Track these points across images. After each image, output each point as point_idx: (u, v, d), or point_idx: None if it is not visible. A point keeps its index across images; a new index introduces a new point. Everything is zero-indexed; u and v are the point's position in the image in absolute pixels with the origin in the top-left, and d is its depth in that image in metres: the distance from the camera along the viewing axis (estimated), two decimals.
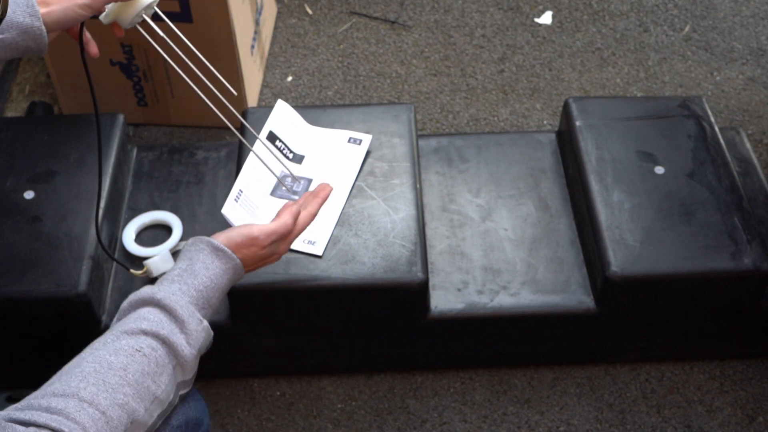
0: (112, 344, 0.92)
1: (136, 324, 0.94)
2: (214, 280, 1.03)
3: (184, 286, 1.00)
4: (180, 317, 0.96)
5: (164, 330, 0.94)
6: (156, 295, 0.97)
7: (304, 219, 1.16)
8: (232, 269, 1.05)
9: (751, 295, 1.39)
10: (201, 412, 1.10)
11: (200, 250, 1.04)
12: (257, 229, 1.09)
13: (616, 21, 2.18)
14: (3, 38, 1.03)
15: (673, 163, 1.46)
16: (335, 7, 2.21)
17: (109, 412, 0.86)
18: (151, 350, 0.93)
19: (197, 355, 0.98)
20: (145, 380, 0.91)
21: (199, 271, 1.02)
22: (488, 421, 1.48)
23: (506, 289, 1.42)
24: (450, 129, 1.94)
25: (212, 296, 1.03)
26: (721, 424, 1.47)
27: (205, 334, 0.99)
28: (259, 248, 1.08)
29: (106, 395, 0.86)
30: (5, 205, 1.37)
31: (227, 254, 1.05)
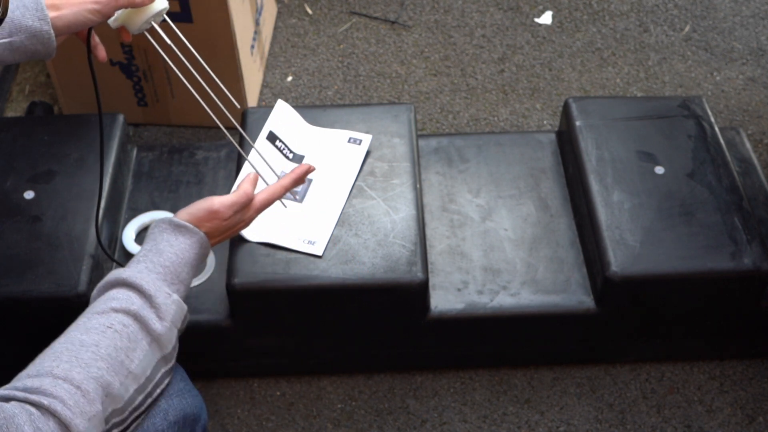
0: (84, 325, 0.94)
1: (105, 304, 0.96)
2: (180, 255, 1.04)
3: (150, 264, 1.02)
4: (147, 292, 0.98)
5: (134, 306, 0.96)
6: (122, 275, 0.99)
7: (272, 189, 1.18)
8: (197, 243, 1.07)
9: (751, 295, 1.39)
10: (198, 408, 1.10)
11: (163, 230, 1.06)
12: (218, 203, 1.10)
13: (616, 21, 2.18)
14: (11, 41, 1.03)
15: (673, 163, 1.46)
16: (335, 7, 2.21)
17: (83, 386, 0.87)
18: (123, 326, 0.94)
19: (171, 329, 0.99)
20: (118, 354, 0.92)
21: (163, 249, 1.04)
22: (488, 421, 1.48)
23: (506, 289, 1.42)
24: (450, 129, 1.94)
25: (181, 271, 1.04)
26: (721, 424, 1.47)
27: (176, 308, 1.00)
28: (221, 221, 1.10)
29: (79, 370, 0.88)
30: (5, 205, 1.37)
31: (189, 229, 1.06)
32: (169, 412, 1.03)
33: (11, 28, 1.03)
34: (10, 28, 1.03)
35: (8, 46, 1.04)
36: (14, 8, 1.03)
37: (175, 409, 1.04)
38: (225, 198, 1.11)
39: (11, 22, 1.03)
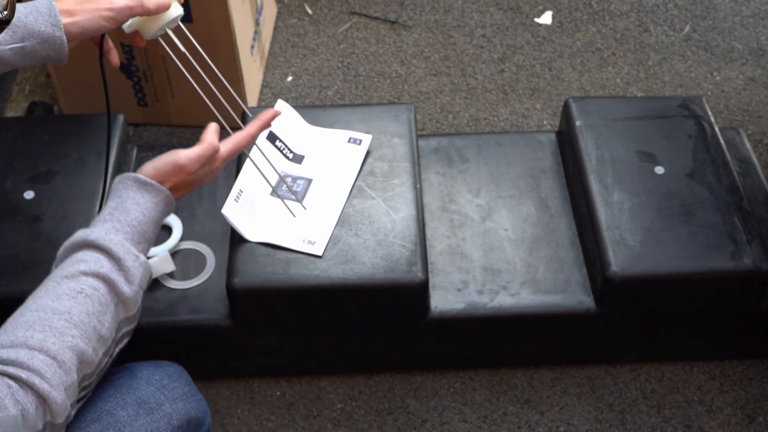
0: (54, 290, 0.93)
1: (74, 267, 0.95)
2: (147, 214, 1.03)
3: (117, 223, 1.01)
4: (116, 255, 0.97)
5: (103, 269, 0.96)
6: (90, 236, 0.98)
7: (238, 137, 1.15)
8: (163, 201, 1.06)
9: (751, 295, 1.39)
10: (203, 412, 1.10)
11: (128, 187, 1.04)
12: (183, 157, 1.08)
13: (616, 21, 2.18)
14: (23, 46, 1.03)
15: (673, 163, 1.46)
16: (335, 7, 2.21)
17: (59, 356, 0.87)
18: (93, 290, 0.94)
19: (138, 292, 0.99)
20: (90, 320, 0.92)
21: (130, 207, 1.03)
22: (488, 421, 1.48)
23: (506, 289, 1.42)
24: (450, 129, 1.94)
25: (147, 230, 1.03)
26: (721, 424, 1.47)
27: (143, 270, 1.00)
28: (187, 174, 1.09)
29: (54, 340, 0.88)
30: (5, 205, 1.37)
31: (155, 187, 1.05)
32: (174, 417, 1.03)
33: (24, 33, 1.03)
34: (22, 33, 1.03)
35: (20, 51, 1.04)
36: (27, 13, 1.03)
37: (180, 414, 1.04)
38: (191, 151, 1.09)
39: (24, 27, 1.03)
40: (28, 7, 1.04)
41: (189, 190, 1.12)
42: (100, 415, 1.00)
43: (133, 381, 1.05)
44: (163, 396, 1.04)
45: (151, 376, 1.06)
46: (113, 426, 0.99)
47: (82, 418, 0.99)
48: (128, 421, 1.00)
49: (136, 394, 1.03)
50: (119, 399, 1.02)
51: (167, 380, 1.07)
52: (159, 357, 1.15)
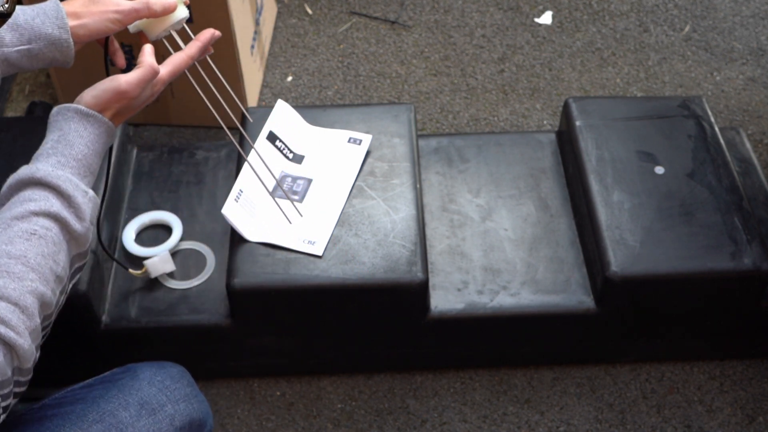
0: (5, 233, 0.91)
1: (23, 207, 0.93)
2: (91, 147, 1.00)
3: (62, 158, 0.98)
4: (65, 192, 0.95)
5: (54, 207, 0.94)
6: (36, 174, 0.96)
7: (176, 58, 1.10)
8: (105, 132, 1.02)
9: (751, 295, 1.39)
10: (204, 413, 1.10)
11: (69, 119, 1.01)
12: (124, 82, 1.04)
13: (616, 21, 2.18)
14: (30, 48, 1.03)
15: (673, 163, 1.46)
16: (335, 7, 2.21)
17: (21, 302, 0.87)
18: (46, 230, 0.92)
19: (89, 227, 0.97)
20: (46, 262, 0.91)
21: (73, 140, 0.99)
22: (488, 421, 1.48)
23: (506, 289, 1.42)
24: (450, 129, 1.94)
25: (92, 163, 1.00)
26: (721, 424, 1.47)
27: (92, 205, 0.98)
28: (129, 100, 1.05)
29: (14, 286, 0.87)
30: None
31: (98, 118, 1.01)
32: (176, 418, 1.03)
33: (30, 35, 1.03)
34: (29, 35, 1.03)
35: (27, 53, 1.04)
36: (34, 15, 1.03)
37: (182, 415, 1.04)
38: (130, 75, 1.05)
39: (30, 30, 1.03)
40: (35, 9, 1.04)
41: (129, 115, 1.08)
42: (103, 416, 1.00)
43: (135, 382, 1.05)
44: (165, 397, 1.04)
45: (153, 377, 1.06)
46: (115, 427, 0.99)
47: (85, 418, 0.99)
48: (130, 422, 1.00)
49: (139, 395, 1.03)
50: (121, 400, 1.02)
51: (169, 381, 1.07)
52: (159, 357, 1.15)
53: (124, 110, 1.05)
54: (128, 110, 1.06)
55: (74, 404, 1.00)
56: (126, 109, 1.05)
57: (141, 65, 1.06)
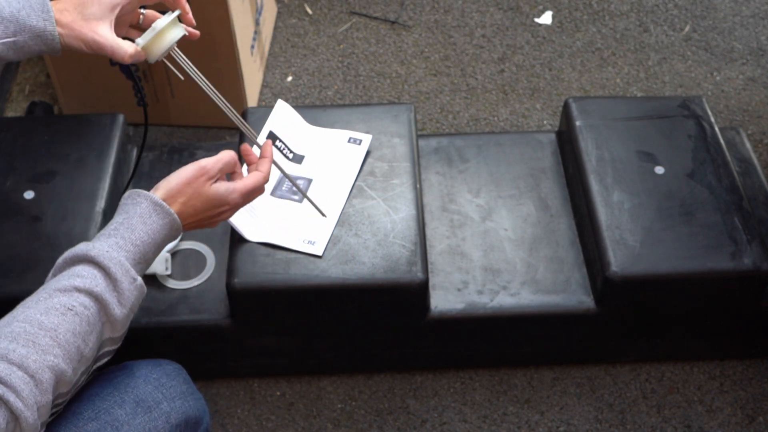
0: (44, 302, 0.91)
1: (69, 281, 0.93)
2: (151, 236, 1.01)
3: (121, 240, 0.98)
4: (114, 275, 0.95)
5: (98, 287, 0.93)
6: (90, 251, 0.95)
7: (255, 176, 1.12)
8: (168, 225, 1.02)
9: (751, 295, 1.39)
10: (201, 411, 1.10)
11: (137, 204, 1.02)
12: (203, 161, 1.06)
13: (616, 21, 2.18)
14: (15, 41, 1.03)
15: (673, 163, 1.46)
16: (335, 7, 2.21)
17: (38, 375, 0.86)
18: (84, 308, 0.92)
19: (129, 314, 0.97)
20: (76, 340, 0.90)
21: (136, 225, 1.00)
22: (488, 421, 1.48)
23: (506, 289, 1.42)
24: (450, 129, 1.94)
25: (148, 251, 1.01)
26: (721, 424, 1.47)
27: (138, 293, 0.98)
28: (204, 181, 1.05)
29: (36, 357, 0.86)
30: (5, 205, 1.37)
31: (165, 209, 1.02)
32: (172, 415, 1.03)
33: (16, 27, 1.03)
34: (14, 28, 1.03)
35: (12, 46, 1.04)
36: (20, 8, 1.03)
37: (178, 412, 1.04)
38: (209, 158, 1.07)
39: (16, 22, 1.03)
40: (21, 2, 1.04)
41: (198, 221, 1.08)
42: (98, 414, 1.00)
43: (131, 379, 1.04)
44: (161, 394, 1.04)
45: (149, 375, 1.06)
46: (111, 425, 0.99)
47: (80, 416, 0.99)
48: (126, 419, 1.00)
49: (134, 392, 1.03)
50: (117, 397, 1.02)
51: (165, 379, 1.07)
52: (159, 357, 1.15)
53: (193, 202, 1.05)
54: (197, 210, 1.06)
55: (69, 402, 0.99)
56: (195, 200, 1.05)
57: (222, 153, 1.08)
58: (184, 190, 1.04)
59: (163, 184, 1.04)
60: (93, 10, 1.06)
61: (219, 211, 1.09)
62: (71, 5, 1.06)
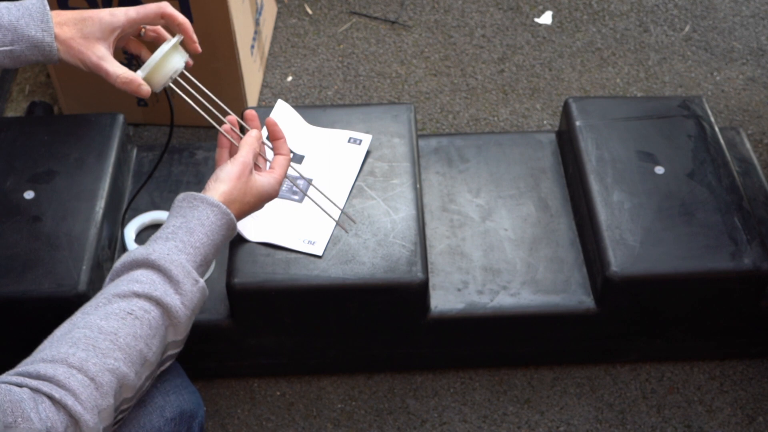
0: (104, 308, 0.91)
1: (128, 286, 0.93)
2: (210, 236, 1.00)
3: (180, 243, 0.97)
4: (175, 278, 0.94)
5: (157, 291, 0.93)
6: (150, 255, 0.95)
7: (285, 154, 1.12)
8: (226, 225, 1.02)
9: (751, 295, 1.39)
10: (195, 404, 1.09)
11: (194, 207, 1.01)
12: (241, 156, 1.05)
13: (616, 21, 2.18)
14: (12, 50, 1.03)
15: (673, 163, 1.46)
16: (335, 7, 2.21)
17: (98, 378, 0.85)
18: (144, 312, 0.91)
19: (191, 316, 0.97)
20: (137, 344, 0.90)
21: (194, 227, 0.99)
22: (488, 421, 1.48)
23: (506, 289, 1.42)
24: (450, 129, 1.94)
25: (208, 253, 1.00)
26: (721, 424, 1.47)
27: (200, 294, 0.97)
28: (248, 173, 1.05)
29: (96, 360, 0.86)
30: (5, 205, 1.37)
31: (222, 209, 1.01)
32: (166, 409, 1.03)
33: (14, 36, 1.03)
34: (12, 36, 1.03)
35: (9, 54, 1.04)
36: (19, 16, 1.03)
37: (172, 406, 1.04)
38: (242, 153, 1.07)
39: (14, 31, 1.02)
40: (20, 10, 1.03)
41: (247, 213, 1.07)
42: None
43: None
44: (155, 388, 1.04)
45: None
46: None
47: None
48: None
49: None
50: None
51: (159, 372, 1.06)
52: None
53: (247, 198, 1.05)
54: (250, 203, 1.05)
55: None
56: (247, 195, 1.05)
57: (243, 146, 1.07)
58: (235, 194, 1.04)
59: (215, 189, 1.03)
60: (93, 29, 1.05)
61: (262, 205, 1.09)
62: (71, 20, 1.05)
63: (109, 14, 1.06)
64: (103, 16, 1.06)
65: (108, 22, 1.06)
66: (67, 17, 1.05)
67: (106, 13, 1.06)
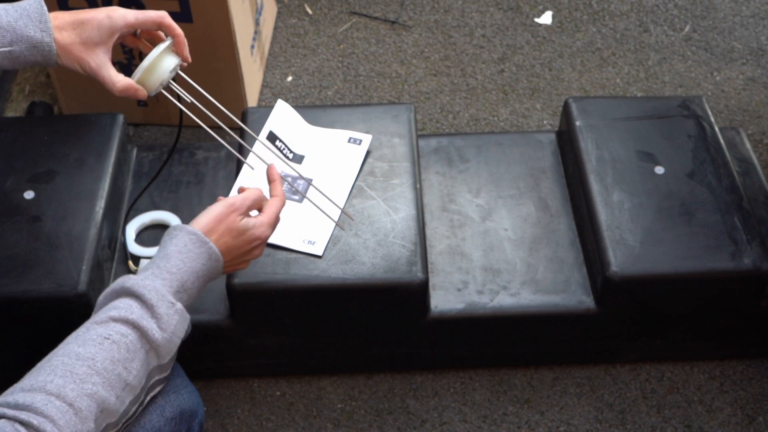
0: (82, 336, 0.92)
1: (106, 313, 0.94)
2: (188, 263, 1.01)
3: (156, 269, 0.99)
4: (149, 301, 0.95)
5: (133, 315, 0.94)
6: (126, 283, 0.96)
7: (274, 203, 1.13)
8: (205, 253, 1.03)
9: (751, 295, 1.39)
10: (195, 403, 1.09)
11: (174, 237, 1.03)
12: (231, 197, 1.07)
13: (616, 21, 2.18)
14: (11, 50, 1.03)
15: (673, 163, 1.46)
16: (335, 7, 2.21)
17: (76, 404, 0.85)
18: (121, 336, 0.92)
19: (172, 339, 0.97)
20: (115, 367, 0.90)
21: (171, 254, 1.01)
22: (488, 421, 1.48)
23: (506, 289, 1.42)
24: (450, 129, 1.94)
25: (186, 279, 1.00)
26: (721, 424, 1.47)
27: (179, 317, 0.98)
28: (236, 215, 1.06)
29: (73, 386, 0.86)
30: (5, 205, 1.37)
31: (200, 237, 1.02)
32: (166, 408, 1.03)
33: (12, 37, 1.02)
34: (11, 37, 1.02)
35: (8, 55, 1.03)
36: (17, 17, 1.03)
37: (172, 405, 1.04)
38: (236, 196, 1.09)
39: (13, 32, 1.02)
40: (18, 11, 1.03)
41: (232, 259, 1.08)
42: None
43: None
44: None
45: None
46: None
47: None
48: None
49: None
50: None
51: None
52: None
53: (226, 238, 1.05)
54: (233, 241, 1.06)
55: None
56: (227, 235, 1.05)
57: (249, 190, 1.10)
58: (216, 227, 1.05)
59: (195, 222, 1.05)
60: (92, 33, 1.05)
61: (251, 247, 1.09)
62: (69, 24, 1.05)
63: (107, 17, 1.06)
64: (102, 19, 1.05)
65: (107, 26, 1.06)
66: (65, 20, 1.05)
67: (104, 15, 1.06)
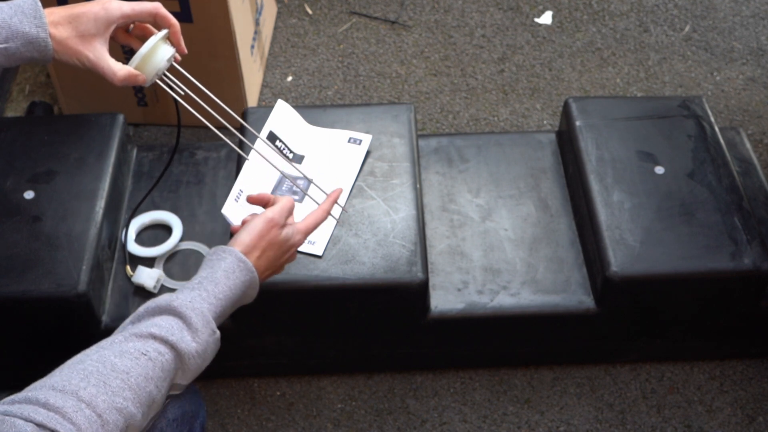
0: (119, 345, 0.91)
1: (147, 328, 0.94)
2: (234, 291, 1.02)
3: (204, 293, 1.00)
4: (194, 325, 0.95)
5: (174, 336, 0.93)
6: (173, 302, 0.96)
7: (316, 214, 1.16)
8: (249, 282, 1.05)
9: (751, 295, 1.39)
10: (197, 405, 1.10)
11: (222, 259, 1.03)
12: (269, 212, 1.09)
13: (616, 21, 2.18)
14: (7, 47, 1.03)
15: (673, 163, 1.46)
16: (335, 7, 2.21)
17: (105, 416, 0.85)
18: (158, 354, 0.92)
19: (201, 365, 0.98)
20: (147, 385, 0.90)
21: (220, 279, 1.01)
22: (488, 421, 1.48)
23: (506, 289, 1.42)
24: (450, 129, 1.94)
25: (227, 307, 1.02)
26: (721, 424, 1.47)
27: (214, 346, 0.99)
28: (277, 230, 1.08)
29: (105, 398, 0.86)
30: (5, 205, 1.37)
31: (247, 266, 1.04)
32: (168, 410, 1.03)
33: (8, 34, 1.02)
34: (6, 34, 1.02)
35: (4, 52, 1.03)
36: (12, 14, 1.03)
37: (174, 407, 1.04)
38: (273, 208, 1.10)
39: (8, 28, 1.02)
40: (13, 8, 1.03)
41: (273, 267, 1.10)
42: None
43: None
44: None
45: None
46: None
47: None
48: None
49: None
50: None
51: None
52: None
53: (268, 253, 1.07)
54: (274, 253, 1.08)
55: None
56: (269, 250, 1.08)
57: (281, 200, 1.11)
58: (259, 244, 1.07)
59: (239, 240, 1.06)
60: (88, 26, 1.05)
61: (287, 256, 1.12)
62: (64, 18, 1.05)
63: (103, 9, 1.06)
64: (97, 11, 1.05)
65: (103, 17, 1.06)
66: (60, 15, 1.05)
67: (99, 7, 1.06)
